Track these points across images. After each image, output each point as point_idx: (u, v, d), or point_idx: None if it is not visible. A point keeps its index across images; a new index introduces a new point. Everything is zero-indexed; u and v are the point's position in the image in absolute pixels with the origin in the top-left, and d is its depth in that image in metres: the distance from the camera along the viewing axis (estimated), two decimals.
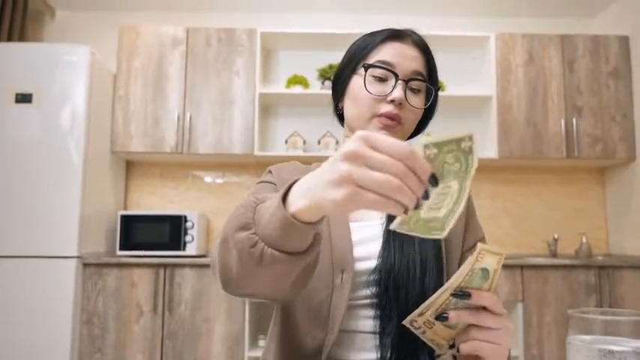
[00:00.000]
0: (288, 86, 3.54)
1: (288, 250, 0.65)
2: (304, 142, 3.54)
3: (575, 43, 3.51)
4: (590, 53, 3.50)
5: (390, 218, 0.90)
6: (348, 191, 0.52)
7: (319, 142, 3.54)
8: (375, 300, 0.93)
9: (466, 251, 1.02)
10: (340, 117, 1.12)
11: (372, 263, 0.94)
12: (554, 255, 3.52)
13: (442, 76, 3.77)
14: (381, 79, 0.99)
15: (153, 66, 3.41)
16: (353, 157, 0.53)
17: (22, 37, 3.53)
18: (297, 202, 0.60)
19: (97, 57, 3.13)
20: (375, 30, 1.06)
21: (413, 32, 1.04)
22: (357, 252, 0.95)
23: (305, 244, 0.66)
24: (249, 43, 3.46)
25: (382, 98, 0.98)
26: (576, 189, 3.79)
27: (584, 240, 3.45)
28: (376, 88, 0.98)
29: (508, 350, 0.73)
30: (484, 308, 0.70)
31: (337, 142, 3.48)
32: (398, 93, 0.96)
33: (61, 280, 2.87)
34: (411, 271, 0.92)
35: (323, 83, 3.59)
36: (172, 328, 2.97)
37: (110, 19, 3.83)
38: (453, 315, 0.70)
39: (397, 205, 0.53)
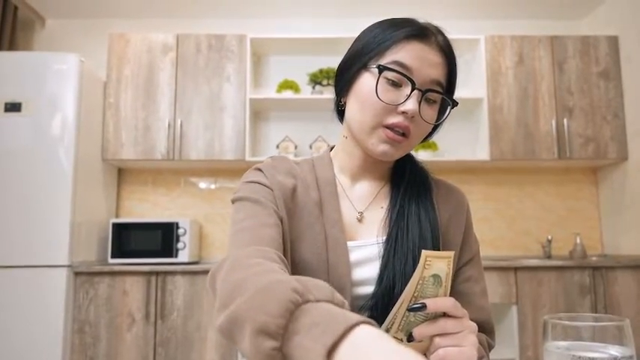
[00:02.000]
0: (278, 91, 3.54)
1: None
2: (296, 147, 3.53)
3: (564, 44, 3.51)
4: (580, 54, 3.50)
5: (389, 240, 0.90)
6: None
7: (311, 147, 3.53)
8: None
9: (462, 266, 0.98)
10: (340, 113, 1.00)
11: (370, 288, 0.88)
12: (548, 256, 3.52)
13: None
14: (395, 84, 0.86)
15: (143, 73, 3.41)
16: None
17: (11, 47, 3.53)
18: None
19: (86, 65, 3.12)
20: (396, 18, 0.93)
21: (439, 31, 0.92)
22: (355, 275, 0.88)
23: None
24: (239, 48, 3.46)
25: (393, 107, 0.86)
26: (569, 189, 3.79)
27: (578, 240, 3.44)
28: (388, 95, 0.86)
29: (476, 349, 0.72)
30: (444, 314, 0.70)
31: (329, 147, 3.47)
32: (412, 105, 0.85)
33: (52, 289, 2.85)
34: None
35: (314, 88, 3.59)
36: (165, 336, 2.95)
37: (100, 27, 3.83)
38: (416, 334, 0.71)
39: None
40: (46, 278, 2.85)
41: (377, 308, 0.85)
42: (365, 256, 0.90)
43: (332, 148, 1.05)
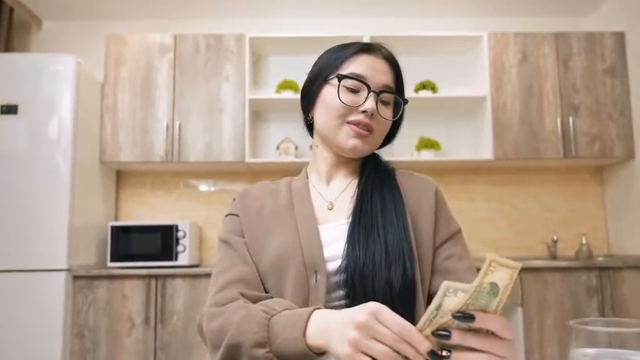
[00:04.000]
0: (278, 91, 3.49)
1: None
2: (296, 148, 3.49)
3: (569, 41, 3.47)
4: (585, 50, 3.46)
5: (355, 217, 0.99)
6: (354, 354, 0.65)
7: (311, 148, 3.47)
8: (347, 300, 0.94)
9: (441, 245, 1.02)
10: (310, 127, 1.16)
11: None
12: (553, 257, 3.47)
13: (435, 77, 3.72)
14: (353, 90, 1.02)
15: (141, 74, 3.37)
16: (362, 328, 0.65)
17: (8, 48, 3.49)
18: (316, 339, 0.74)
19: (83, 66, 3.08)
20: (344, 43, 1.09)
21: (382, 47, 1.08)
22: (327, 253, 0.97)
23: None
24: (237, 48, 3.41)
25: (354, 108, 1.01)
26: (574, 189, 3.74)
27: (583, 241, 3.40)
28: (349, 98, 1.01)
29: None
30: (489, 331, 0.63)
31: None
32: (370, 104, 1.00)
33: (50, 293, 2.81)
34: (376, 262, 0.92)
35: None
36: (165, 340, 2.90)
37: (97, 28, 3.79)
38: (455, 337, 0.62)
39: None
40: (45, 282, 2.82)
41: (350, 283, 0.93)
42: (335, 235, 0.99)
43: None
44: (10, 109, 2.92)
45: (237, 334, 0.82)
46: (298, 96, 3.43)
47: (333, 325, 0.71)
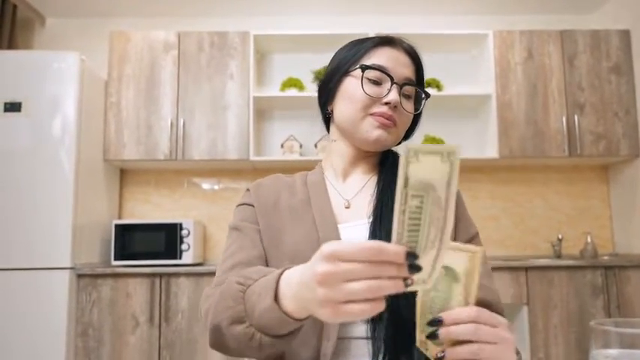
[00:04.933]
0: (282, 89, 3.48)
1: (283, 333, 0.72)
2: (300, 146, 3.48)
3: (575, 39, 3.45)
4: (591, 48, 3.44)
5: (376, 217, 0.96)
6: (335, 310, 0.54)
7: (316, 146, 3.47)
8: None
9: None
10: (327, 121, 1.14)
11: None
12: (558, 256, 3.46)
13: (440, 75, 3.71)
14: (376, 82, 1.00)
15: (145, 72, 3.36)
16: (325, 281, 0.53)
17: (11, 46, 3.48)
18: (290, 304, 0.66)
19: (87, 64, 3.07)
20: (364, 36, 1.08)
21: (403, 40, 1.07)
22: None
23: (299, 325, 0.71)
24: (242, 46, 3.40)
25: (377, 99, 0.99)
26: (579, 188, 3.73)
27: (588, 240, 3.39)
28: (372, 89, 0.99)
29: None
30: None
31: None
32: (394, 95, 0.98)
33: (54, 292, 2.80)
34: None
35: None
36: (169, 339, 2.90)
37: (100, 25, 3.78)
38: (442, 332, 0.63)
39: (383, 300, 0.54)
40: (49, 281, 2.81)
41: None
42: (354, 235, 0.96)
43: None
44: (14, 107, 2.90)
45: (215, 313, 0.78)
46: (303, 94, 3.45)
47: (299, 288, 0.62)
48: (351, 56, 1.04)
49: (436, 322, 0.62)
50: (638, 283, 2.99)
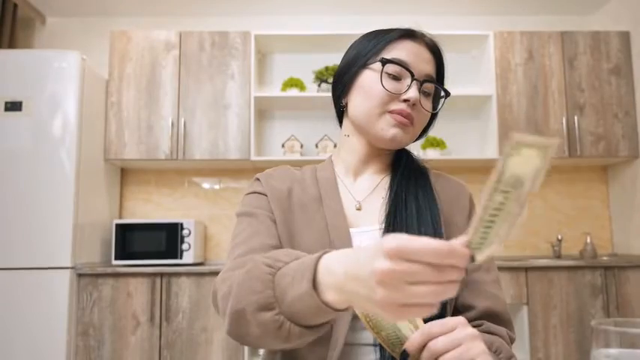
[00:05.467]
0: (283, 89, 3.48)
1: (315, 324, 0.66)
2: (301, 146, 3.48)
3: (575, 40, 3.46)
4: (591, 50, 3.45)
5: (389, 224, 0.92)
6: (394, 312, 0.50)
7: (317, 146, 3.48)
8: None
9: None
10: (340, 114, 1.08)
11: None
12: (558, 256, 3.47)
13: None
14: (395, 77, 0.95)
15: (145, 71, 3.36)
16: (387, 281, 0.48)
17: (11, 45, 3.48)
18: (332, 294, 0.59)
19: (87, 63, 3.07)
20: (383, 28, 1.01)
21: (426, 34, 1.01)
22: None
23: (334, 316, 0.65)
24: (243, 46, 3.41)
25: (396, 95, 0.94)
26: (579, 188, 3.74)
27: (588, 240, 3.39)
28: (391, 85, 0.94)
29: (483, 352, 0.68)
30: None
31: (335, 146, 3.42)
32: (414, 93, 0.93)
33: (55, 291, 2.80)
34: None
35: (319, 86, 3.54)
36: (170, 339, 2.90)
37: (101, 25, 3.78)
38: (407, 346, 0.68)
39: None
40: (49, 280, 2.81)
41: None
42: (370, 240, 0.92)
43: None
44: (15, 106, 2.90)
45: (238, 297, 0.69)
46: (304, 94, 3.45)
47: (348, 280, 0.55)
48: (370, 48, 0.98)
49: (406, 356, 0.66)
50: (638, 284, 3.00)
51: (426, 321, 0.70)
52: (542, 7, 3.79)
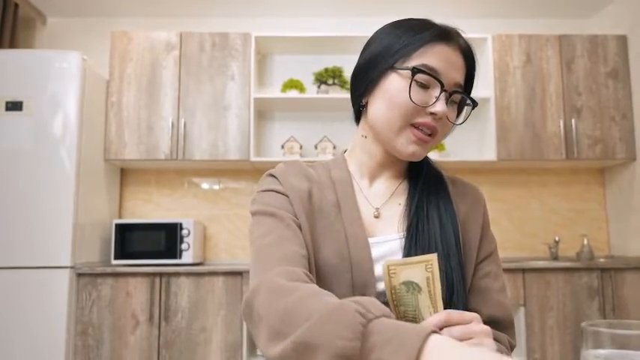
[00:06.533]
0: (283, 91, 3.50)
1: None
2: (301, 147, 3.50)
3: (573, 43, 3.48)
4: (589, 53, 3.47)
5: (409, 231, 0.90)
6: None
7: (316, 147, 3.49)
8: None
9: (481, 262, 0.97)
10: (358, 112, 1.00)
11: None
12: (555, 258, 3.48)
13: None
14: (424, 86, 0.88)
15: (146, 72, 3.37)
16: None
17: (12, 45, 3.48)
18: None
19: (88, 63, 3.08)
20: (415, 20, 0.95)
21: (459, 34, 0.94)
22: (378, 271, 0.87)
23: None
24: (243, 47, 3.42)
25: (422, 108, 0.88)
26: (576, 190, 3.76)
27: (585, 242, 3.41)
28: (419, 97, 0.87)
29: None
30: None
31: (334, 147, 3.44)
32: (441, 107, 0.87)
33: (54, 290, 2.81)
34: None
35: (319, 87, 3.55)
36: (169, 338, 2.91)
37: (102, 25, 3.79)
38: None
39: None
40: (49, 280, 2.82)
41: None
42: (386, 251, 0.90)
43: (345, 151, 1.07)
44: (15, 106, 2.91)
45: (317, 332, 0.60)
46: (304, 95, 3.45)
47: None
48: (400, 47, 0.90)
49: None
50: (634, 286, 3.02)
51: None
52: (541, 10, 3.81)
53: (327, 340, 0.58)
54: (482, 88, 3.55)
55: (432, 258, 0.66)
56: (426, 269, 0.65)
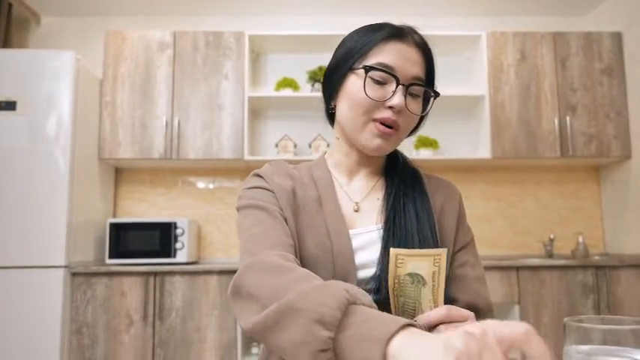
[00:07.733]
0: (277, 89, 3.50)
1: None
2: (295, 146, 3.49)
3: (567, 41, 3.48)
4: (583, 50, 3.47)
5: (387, 223, 0.94)
6: None
7: (310, 146, 3.49)
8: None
9: (457, 252, 1.01)
10: (331, 116, 1.07)
11: (372, 270, 0.91)
12: (550, 255, 3.49)
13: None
14: (380, 83, 0.93)
15: (140, 71, 3.37)
16: None
17: (6, 44, 3.48)
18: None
19: (82, 63, 3.07)
20: (373, 23, 0.99)
21: (414, 31, 0.98)
22: (358, 259, 0.92)
23: None
24: (237, 46, 3.42)
25: (381, 103, 0.93)
26: (571, 188, 3.76)
27: (580, 240, 3.41)
28: (375, 92, 0.92)
29: None
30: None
31: (328, 146, 3.43)
32: (398, 100, 0.92)
33: (49, 290, 2.81)
34: None
35: (313, 86, 3.55)
36: (163, 337, 2.91)
37: (96, 24, 3.78)
38: (420, 319, 0.72)
39: None
40: (43, 279, 2.81)
41: (380, 290, 0.88)
42: (365, 241, 0.94)
43: (325, 153, 1.13)
44: (9, 106, 2.91)
45: (303, 298, 0.62)
46: (298, 94, 3.46)
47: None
48: (357, 49, 0.95)
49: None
50: (629, 283, 3.02)
51: None
52: (535, 8, 3.81)
53: (311, 305, 0.60)
54: (476, 85, 3.55)
55: (442, 252, 0.66)
56: (433, 263, 0.65)
